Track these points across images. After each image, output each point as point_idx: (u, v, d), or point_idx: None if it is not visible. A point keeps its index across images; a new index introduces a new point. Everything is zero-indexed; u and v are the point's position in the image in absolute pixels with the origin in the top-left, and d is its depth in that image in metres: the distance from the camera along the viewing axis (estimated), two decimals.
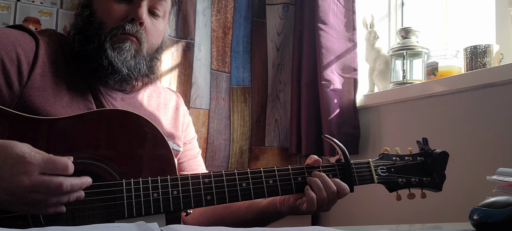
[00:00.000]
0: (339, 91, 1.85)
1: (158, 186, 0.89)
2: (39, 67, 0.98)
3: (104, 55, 1.02)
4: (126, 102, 1.11)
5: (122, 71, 1.04)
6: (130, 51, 1.04)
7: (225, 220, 1.12)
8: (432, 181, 1.03)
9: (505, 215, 0.70)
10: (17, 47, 0.97)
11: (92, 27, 1.04)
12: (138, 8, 1.04)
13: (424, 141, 1.07)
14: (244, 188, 0.94)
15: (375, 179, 1.01)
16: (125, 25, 1.03)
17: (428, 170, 1.03)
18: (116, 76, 1.04)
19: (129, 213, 0.87)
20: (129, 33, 1.04)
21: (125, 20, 1.04)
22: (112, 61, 1.02)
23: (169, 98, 1.24)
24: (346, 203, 1.91)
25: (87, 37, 1.03)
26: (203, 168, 1.28)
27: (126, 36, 1.04)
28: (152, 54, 1.12)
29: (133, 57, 1.05)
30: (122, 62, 1.03)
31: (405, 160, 1.04)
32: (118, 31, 1.03)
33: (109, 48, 1.02)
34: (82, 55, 1.03)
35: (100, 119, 0.93)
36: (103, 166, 0.89)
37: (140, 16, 1.04)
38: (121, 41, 1.03)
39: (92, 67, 1.03)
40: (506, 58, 1.47)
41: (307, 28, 1.96)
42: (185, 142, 1.23)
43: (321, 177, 0.97)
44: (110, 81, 1.05)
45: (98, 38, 1.03)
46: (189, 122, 1.28)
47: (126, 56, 1.04)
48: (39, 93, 0.97)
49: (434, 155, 1.04)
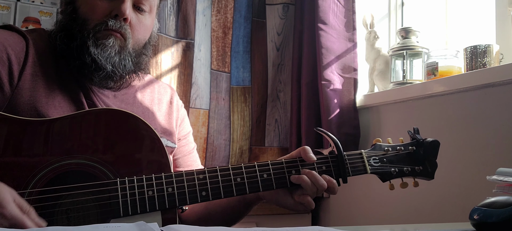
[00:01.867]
0: (339, 91, 1.85)
1: (153, 184, 0.89)
2: (30, 67, 0.98)
3: (86, 53, 1.00)
4: (118, 100, 1.10)
5: (106, 68, 1.02)
6: (114, 48, 1.03)
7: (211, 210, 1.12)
8: (424, 170, 1.04)
9: (505, 215, 0.70)
10: (7, 48, 0.96)
11: (75, 24, 1.03)
12: (121, 3, 1.02)
13: (415, 130, 1.08)
14: (239, 182, 0.94)
15: (368, 169, 1.01)
16: (108, 21, 1.02)
17: (420, 159, 1.04)
18: (101, 73, 1.03)
19: (124, 211, 0.87)
20: (113, 29, 1.02)
21: (108, 16, 1.03)
22: (95, 58, 1.01)
23: (163, 93, 1.23)
24: (346, 202, 1.92)
25: (70, 34, 1.02)
26: (198, 163, 1.27)
27: (109, 32, 1.02)
28: (139, 50, 1.11)
29: (117, 53, 1.04)
30: (105, 59, 1.02)
31: (397, 150, 1.05)
32: (101, 27, 1.02)
33: (92, 45, 1.01)
34: (66, 53, 1.02)
35: (93, 119, 0.93)
36: (98, 166, 0.89)
37: (124, 11, 1.02)
38: (105, 38, 1.02)
39: (76, 64, 1.02)
40: (506, 58, 1.47)
41: (307, 28, 1.96)
42: (180, 138, 1.22)
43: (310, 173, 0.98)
44: (95, 78, 1.03)
45: (81, 35, 1.01)
46: (183, 116, 1.26)
47: (110, 53, 1.02)
48: (31, 93, 0.96)
49: (425, 144, 1.05)
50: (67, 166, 0.87)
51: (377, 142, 1.06)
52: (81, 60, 1.01)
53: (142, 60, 1.12)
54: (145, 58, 1.13)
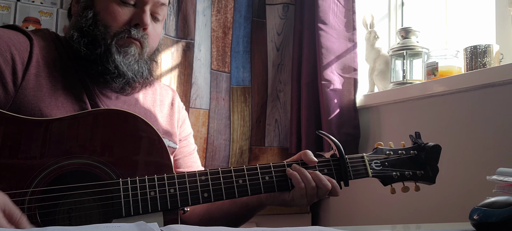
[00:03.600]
0: (339, 91, 1.85)
1: (155, 184, 0.89)
2: (34, 67, 0.98)
3: (111, 59, 1.03)
4: (121, 101, 1.11)
5: (127, 75, 1.05)
6: (134, 56, 1.06)
7: (211, 213, 1.13)
8: (426, 174, 1.05)
9: (505, 215, 0.71)
10: (11, 48, 0.96)
11: (97, 30, 1.04)
12: (143, 13, 1.05)
13: (417, 135, 1.08)
14: (241, 184, 0.95)
15: (369, 173, 1.02)
16: (131, 30, 1.05)
17: (422, 163, 1.05)
18: (121, 80, 1.05)
19: (126, 212, 0.87)
20: (134, 38, 1.05)
21: (129, 24, 1.05)
22: (118, 65, 1.03)
23: (165, 95, 1.24)
24: (346, 203, 1.92)
25: (93, 40, 1.04)
26: (198, 164, 1.28)
27: (131, 40, 1.05)
28: (151, 57, 1.14)
29: (136, 61, 1.07)
30: (127, 66, 1.05)
31: (399, 154, 1.05)
32: (124, 35, 1.04)
33: (116, 52, 1.03)
34: (88, 58, 1.04)
35: (96, 119, 0.93)
36: (100, 166, 0.89)
37: (146, 22, 1.06)
38: (127, 45, 1.05)
39: (98, 70, 1.04)
40: (506, 58, 1.47)
41: (307, 28, 1.96)
42: (181, 139, 1.23)
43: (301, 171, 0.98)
44: (115, 84, 1.06)
45: (105, 42, 1.03)
46: (184, 118, 1.27)
47: (131, 61, 1.05)
48: (35, 93, 0.96)
49: (427, 148, 1.05)
50: (70, 166, 0.87)
51: (379, 146, 1.06)
52: (104, 66, 1.03)
53: (152, 66, 1.15)
54: (154, 64, 1.16)
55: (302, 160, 1.01)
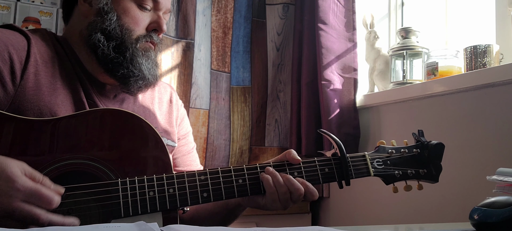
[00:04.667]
0: (339, 91, 1.85)
1: (154, 185, 0.89)
2: (32, 66, 0.98)
3: (136, 63, 1.06)
4: (119, 100, 1.11)
5: (148, 78, 1.09)
6: (154, 60, 1.11)
7: (200, 214, 1.13)
8: (429, 173, 1.03)
9: (505, 215, 0.70)
10: (8, 47, 0.96)
11: (123, 34, 1.06)
12: (160, 20, 1.10)
13: (420, 133, 1.07)
14: (240, 184, 0.95)
15: (371, 171, 1.01)
16: (152, 35, 1.10)
17: (424, 161, 1.03)
18: (142, 82, 1.09)
19: (125, 212, 0.87)
20: (154, 43, 1.11)
21: (147, 29, 1.10)
22: (142, 68, 1.07)
23: (163, 93, 1.24)
24: (346, 203, 1.92)
25: (120, 44, 1.06)
26: (198, 163, 1.28)
27: (150, 44, 1.10)
28: None
29: (154, 64, 1.11)
30: (148, 70, 1.09)
31: (401, 152, 1.04)
32: (146, 39, 1.09)
33: (140, 56, 1.07)
34: (116, 61, 1.05)
35: (95, 119, 0.93)
36: (99, 166, 0.89)
37: (164, 29, 1.11)
38: (148, 50, 1.10)
39: (123, 73, 1.06)
40: (506, 58, 1.47)
41: (307, 28, 1.96)
42: (179, 137, 1.23)
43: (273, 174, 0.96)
44: (135, 86, 1.08)
45: (131, 46, 1.06)
46: (183, 116, 1.27)
47: (150, 64, 1.09)
48: (34, 92, 0.97)
49: (430, 146, 1.04)
50: (69, 166, 0.87)
51: (381, 144, 1.05)
52: (130, 70, 1.06)
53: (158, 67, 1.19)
54: None
55: (287, 160, 0.99)
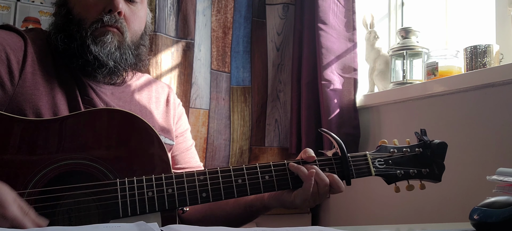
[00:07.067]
0: (339, 91, 1.85)
1: (153, 185, 0.89)
2: (30, 66, 0.98)
3: (88, 51, 1.02)
4: (116, 97, 1.11)
5: (108, 64, 1.04)
6: (113, 43, 1.05)
7: (215, 214, 1.12)
8: (431, 172, 1.02)
9: (505, 215, 0.70)
10: (5, 47, 0.97)
11: (72, 24, 1.04)
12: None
13: (422, 132, 1.06)
14: (240, 184, 0.94)
15: (372, 171, 1.00)
16: (103, 18, 1.03)
17: (427, 161, 1.02)
18: (103, 70, 1.05)
19: (124, 212, 0.87)
20: (109, 25, 1.04)
21: (102, 12, 1.04)
22: (96, 55, 1.03)
23: (160, 91, 1.23)
24: (346, 202, 1.91)
25: (69, 35, 1.03)
26: (197, 160, 1.27)
27: (106, 28, 1.04)
28: (137, 42, 1.12)
29: (117, 48, 1.06)
30: (107, 55, 1.04)
31: (403, 152, 1.03)
32: (97, 24, 1.03)
33: (91, 43, 1.02)
34: (68, 53, 1.03)
35: (93, 119, 0.93)
36: (97, 166, 0.89)
37: (117, 6, 1.04)
38: (102, 34, 1.04)
39: (79, 64, 1.03)
40: (506, 58, 1.47)
41: (307, 28, 1.96)
42: (177, 135, 1.22)
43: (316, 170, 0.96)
44: (99, 75, 1.05)
45: (80, 35, 1.03)
46: (181, 114, 1.27)
47: (109, 49, 1.04)
48: (32, 92, 0.97)
49: (433, 145, 1.03)
50: (68, 166, 0.87)
51: (383, 143, 1.04)
52: (84, 59, 1.03)
53: (142, 51, 1.14)
54: (144, 49, 1.15)
55: (303, 159, 1.00)
